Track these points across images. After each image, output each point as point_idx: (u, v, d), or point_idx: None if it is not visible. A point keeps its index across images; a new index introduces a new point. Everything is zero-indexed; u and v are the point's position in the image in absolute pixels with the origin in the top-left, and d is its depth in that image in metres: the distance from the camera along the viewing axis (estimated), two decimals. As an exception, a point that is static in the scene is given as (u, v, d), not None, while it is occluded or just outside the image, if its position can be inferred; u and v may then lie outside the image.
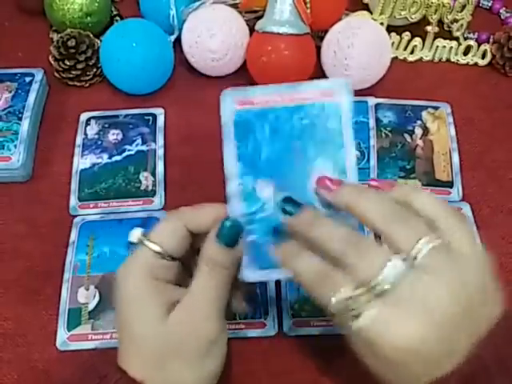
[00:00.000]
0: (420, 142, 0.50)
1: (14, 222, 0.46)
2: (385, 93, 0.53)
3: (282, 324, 0.41)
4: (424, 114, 0.52)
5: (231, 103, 0.31)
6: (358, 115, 0.51)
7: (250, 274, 0.31)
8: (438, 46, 0.57)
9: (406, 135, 0.50)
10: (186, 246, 0.32)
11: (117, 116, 0.52)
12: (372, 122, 0.51)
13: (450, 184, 0.48)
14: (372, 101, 0.52)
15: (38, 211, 0.47)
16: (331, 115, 0.32)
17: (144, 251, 0.31)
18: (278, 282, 0.42)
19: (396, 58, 0.57)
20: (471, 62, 0.57)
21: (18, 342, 0.40)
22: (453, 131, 0.51)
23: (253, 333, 0.40)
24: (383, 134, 0.50)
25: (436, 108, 0.52)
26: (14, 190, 0.48)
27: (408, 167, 0.49)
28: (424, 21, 0.56)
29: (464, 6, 0.55)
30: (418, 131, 0.50)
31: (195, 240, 0.32)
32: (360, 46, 0.50)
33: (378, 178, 0.48)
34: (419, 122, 0.51)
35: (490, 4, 0.62)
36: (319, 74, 0.54)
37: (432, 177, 0.48)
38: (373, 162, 0.49)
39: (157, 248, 0.30)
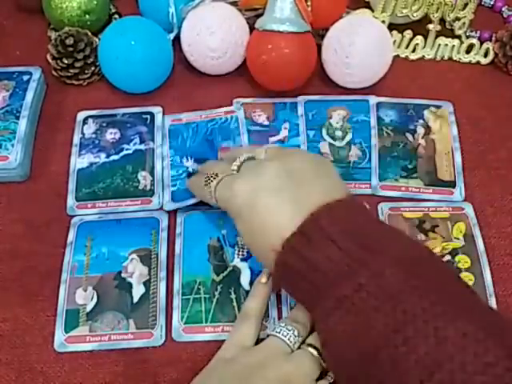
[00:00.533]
0: (422, 142, 0.50)
1: (12, 221, 0.46)
2: (386, 91, 0.53)
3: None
4: (426, 112, 0.51)
5: (167, 119, 0.51)
6: (359, 114, 0.51)
7: (171, 206, 0.45)
8: (439, 45, 0.56)
9: (408, 134, 0.50)
10: None
11: (114, 115, 0.51)
12: (373, 121, 0.51)
13: (452, 184, 0.47)
14: (373, 100, 0.52)
15: (35, 211, 0.46)
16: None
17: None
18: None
19: (397, 56, 0.57)
20: (473, 61, 0.57)
21: (15, 344, 0.40)
22: (455, 130, 0.50)
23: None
24: (385, 133, 0.50)
25: (438, 107, 0.52)
26: (11, 189, 0.47)
27: (410, 167, 0.48)
28: (426, 19, 0.56)
29: (466, 4, 0.55)
30: (420, 130, 0.50)
31: None
32: (361, 45, 0.50)
33: (379, 177, 0.48)
34: (421, 121, 0.51)
35: (492, 2, 0.62)
36: (320, 72, 0.54)
37: (434, 176, 0.48)
38: (374, 161, 0.49)
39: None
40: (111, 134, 0.50)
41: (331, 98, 0.52)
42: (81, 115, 0.51)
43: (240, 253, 0.43)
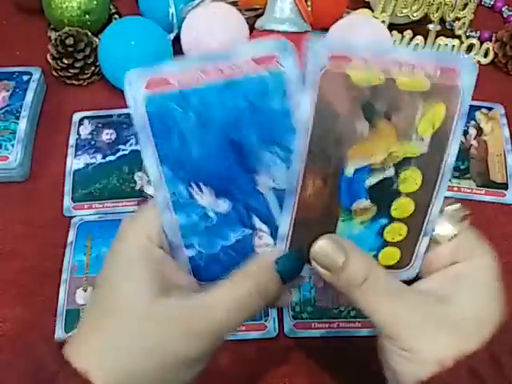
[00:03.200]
0: (474, 143, 0.50)
1: (12, 222, 0.46)
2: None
3: (283, 326, 0.40)
4: (477, 114, 0.52)
5: (138, 86, 0.24)
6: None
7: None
8: (439, 45, 0.56)
9: None
10: None
11: (110, 116, 0.51)
12: None
13: (504, 186, 0.48)
14: None
15: (35, 211, 0.46)
16: (275, 90, 0.24)
17: (154, 210, 0.26)
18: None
19: (397, 56, 0.56)
20: (473, 61, 0.57)
21: (15, 344, 0.40)
22: (507, 132, 0.51)
23: (253, 335, 0.40)
24: None
25: (490, 109, 0.52)
26: (11, 189, 0.47)
27: (462, 167, 0.49)
28: (426, 19, 0.56)
29: (466, 4, 0.55)
30: (472, 131, 0.50)
31: None
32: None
33: None
34: (473, 123, 0.51)
35: (492, 2, 0.62)
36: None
37: (486, 178, 0.48)
38: None
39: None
40: (107, 135, 0.50)
41: None
42: (76, 116, 0.51)
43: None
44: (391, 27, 0.55)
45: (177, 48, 0.54)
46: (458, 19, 0.56)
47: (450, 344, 0.24)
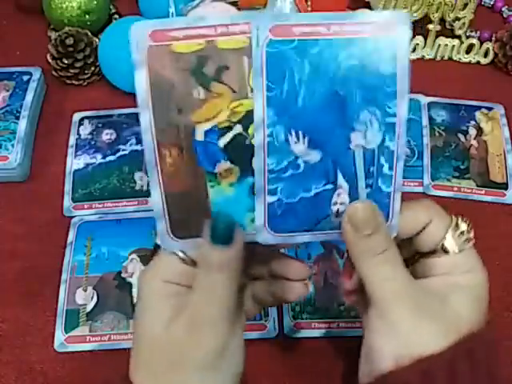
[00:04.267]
0: (474, 143, 0.50)
1: (12, 222, 0.46)
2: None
3: (283, 326, 0.40)
4: (477, 114, 0.52)
5: (264, 31, 0.25)
6: (408, 113, 0.51)
7: (270, 238, 0.28)
8: (439, 45, 0.56)
9: (460, 135, 0.50)
10: None
11: (110, 116, 0.51)
12: (425, 121, 0.51)
13: (504, 186, 0.48)
14: (424, 99, 0.52)
15: (35, 211, 0.46)
16: (386, 55, 0.26)
17: (167, 255, 0.28)
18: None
19: (397, 56, 0.56)
20: (473, 61, 0.57)
21: (15, 344, 0.40)
22: (507, 132, 0.51)
23: (253, 335, 0.40)
24: (436, 133, 0.50)
25: (490, 109, 0.52)
26: (11, 189, 0.47)
27: (462, 167, 0.49)
28: (426, 19, 0.56)
29: (466, 4, 0.55)
30: (472, 131, 0.51)
31: None
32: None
33: (431, 177, 0.48)
34: (473, 122, 0.51)
35: (492, 2, 0.62)
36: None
37: (486, 178, 0.48)
38: (426, 160, 0.49)
39: (181, 255, 0.28)
40: (107, 135, 0.50)
41: None
42: (76, 116, 0.51)
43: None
44: (391, 27, 0.55)
45: (177, 48, 0.54)
46: (457, 19, 0.56)
47: (430, 333, 0.27)
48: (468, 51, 0.57)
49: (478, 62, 0.57)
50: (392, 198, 0.28)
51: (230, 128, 0.27)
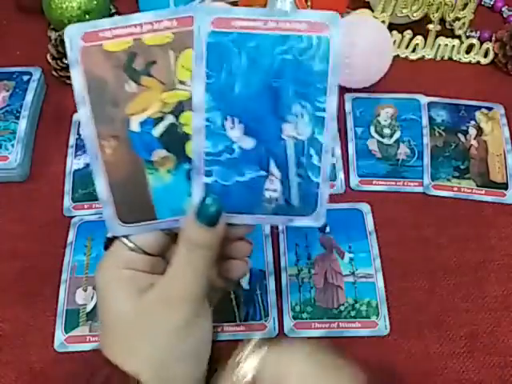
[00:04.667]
0: (474, 143, 0.50)
1: (12, 222, 0.46)
2: (386, 91, 0.53)
3: (283, 326, 0.40)
4: (477, 114, 0.52)
5: (206, 22, 0.27)
6: (408, 112, 0.51)
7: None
8: (439, 45, 0.56)
9: (460, 135, 0.50)
10: (164, 243, 0.31)
11: (111, 115, 0.51)
12: (425, 121, 0.51)
13: (504, 186, 0.48)
14: (424, 99, 0.52)
15: (35, 211, 0.46)
16: (318, 53, 0.28)
17: (119, 246, 0.30)
18: (278, 284, 0.42)
19: (398, 56, 0.56)
20: (473, 61, 0.57)
21: (15, 344, 0.40)
22: (507, 132, 0.51)
23: (253, 335, 0.40)
24: (436, 133, 0.50)
25: (490, 109, 0.52)
26: (11, 189, 0.47)
27: (462, 167, 0.49)
28: (426, 19, 0.56)
29: (466, 4, 0.55)
30: (472, 131, 0.50)
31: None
32: (361, 45, 0.50)
33: (431, 177, 0.48)
34: (473, 122, 0.51)
35: (492, 2, 0.62)
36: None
37: (486, 178, 0.48)
38: (426, 160, 0.49)
39: (130, 244, 0.30)
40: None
41: (379, 95, 0.53)
42: (76, 116, 0.51)
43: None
44: (391, 27, 0.55)
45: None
46: (457, 19, 0.56)
47: None
48: (468, 51, 0.57)
49: (478, 62, 0.57)
50: (320, 188, 0.30)
51: (162, 118, 0.29)
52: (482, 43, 0.56)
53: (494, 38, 0.57)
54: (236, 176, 0.29)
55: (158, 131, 0.29)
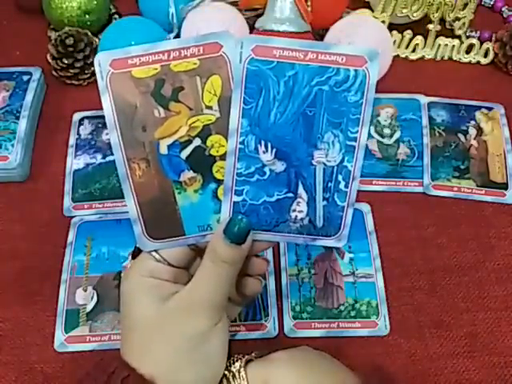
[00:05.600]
0: (474, 143, 0.50)
1: (12, 222, 0.46)
2: (386, 91, 0.53)
3: (283, 326, 0.40)
4: (477, 114, 0.52)
5: (248, 49, 0.28)
6: (408, 112, 0.51)
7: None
8: (439, 45, 0.56)
9: (460, 135, 0.50)
10: (188, 256, 0.32)
11: (110, 115, 0.51)
12: (425, 121, 0.51)
13: (504, 186, 0.48)
14: (424, 99, 0.52)
15: (35, 211, 0.46)
16: (355, 85, 0.29)
17: (145, 256, 0.32)
18: (278, 284, 0.42)
19: (398, 56, 0.56)
20: (473, 61, 0.57)
21: (15, 344, 0.40)
22: (507, 132, 0.51)
23: (253, 335, 0.40)
24: (436, 133, 0.50)
25: (490, 109, 0.52)
26: (11, 189, 0.47)
27: (462, 167, 0.49)
28: (426, 19, 0.56)
29: (466, 4, 0.55)
30: (472, 131, 0.50)
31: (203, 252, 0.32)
32: (361, 45, 0.50)
33: (431, 177, 0.48)
34: (473, 122, 0.51)
35: (492, 2, 0.62)
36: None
37: (486, 178, 0.48)
38: (426, 160, 0.49)
39: (156, 256, 0.31)
40: (107, 135, 0.50)
41: (379, 95, 0.53)
42: (76, 116, 0.51)
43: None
44: (391, 27, 0.55)
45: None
46: (457, 19, 0.56)
47: None
48: (468, 51, 0.57)
49: (478, 62, 0.57)
50: (345, 212, 0.31)
51: (189, 141, 0.30)
52: (481, 43, 0.56)
53: (493, 38, 0.57)
54: (265, 196, 0.31)
55: (185, 153, 0.30)
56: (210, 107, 0.30)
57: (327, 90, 0.29)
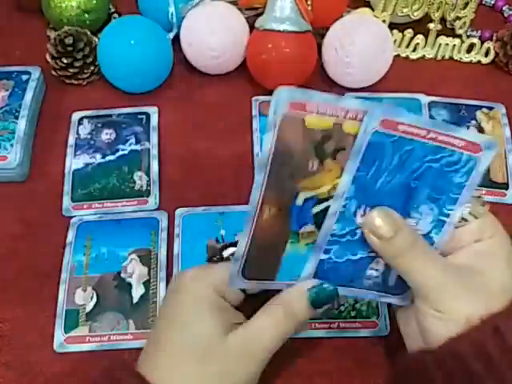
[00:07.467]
0: None
1: (11, 222, 0.46)
2: (387, 91, 0.53)
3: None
4: (478, 113, 0.51)
5: (375, 121, 0.28)
6: (409, 113, 0.51)
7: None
8: (440, 44, 0.56)
9: None
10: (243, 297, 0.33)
11: (110, 115, 0.51)
12: None
13: (505, 186, 0.48)
14: (425, 99, 0.52)
15: (34, 211, 0.46)
16: (464, 169, 0.30)
17: (223, 268, 0.31)
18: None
19: (398, 55, 0.56)
20: (474, 60, 0.57)
21: (15, 344, 0.40)
22: (508, 132, 0.50)
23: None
24: None
25: (490, 108, 0.52)
26: (10, 189, 0.47)
27: None
28: (426, 18, 0.55)
29: (467, 4, 0.54)
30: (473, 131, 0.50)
31: None
32: (362, 44, 0.50)
33: None
34: (474, 122, 0.51)
35: (492, 1, 0.62)
36: (320, 71, 0.53)
37: (487, 178, 0.48)
38: None
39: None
40: (107, 135, 0.50)
41: (380, 95, 0.52)
42: (76, 116, 0.51)
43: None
44: (392, 26, 0.55)
45: (176, 47, 0.53)
46: (458, 18, 0.55)
47: (478, 305, 0.28)
48: (469, 51, 0.56)
49: (479, 62, 0.57)
50: None
51: (326, 200, 0.30)
52: (482, 43, 0.56)
53: (494, 38, 0.56)
54: (349, 255, 0.31)
55: (316, 209, 0.30)
56: None
57: (437, 168, 0.30)
